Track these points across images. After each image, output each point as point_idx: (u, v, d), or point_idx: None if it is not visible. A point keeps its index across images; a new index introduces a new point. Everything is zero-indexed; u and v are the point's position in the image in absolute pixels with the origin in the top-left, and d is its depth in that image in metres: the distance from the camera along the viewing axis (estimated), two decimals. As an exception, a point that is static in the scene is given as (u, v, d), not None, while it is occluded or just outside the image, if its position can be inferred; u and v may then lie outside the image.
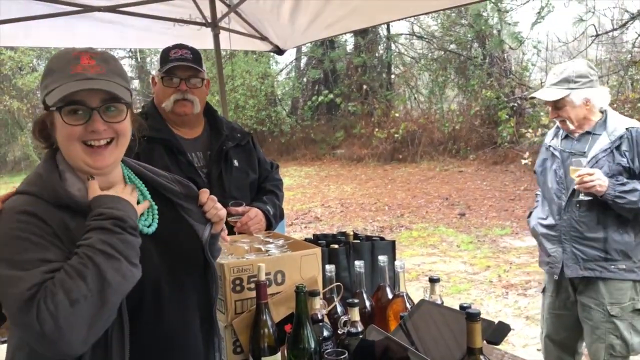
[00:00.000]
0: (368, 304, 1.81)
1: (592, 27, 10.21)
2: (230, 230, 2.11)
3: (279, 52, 4.40)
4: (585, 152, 2.58)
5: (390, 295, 1.82)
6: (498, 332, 1.38)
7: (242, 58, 15.46)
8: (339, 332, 1.60)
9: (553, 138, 2.78)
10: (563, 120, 2.65)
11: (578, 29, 10.31)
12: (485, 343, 1.36)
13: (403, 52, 15.53)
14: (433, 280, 1.72)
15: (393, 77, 15.77)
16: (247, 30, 4.14)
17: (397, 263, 1.76)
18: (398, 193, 10.65)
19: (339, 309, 1.75)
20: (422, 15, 11.98)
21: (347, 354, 1.40)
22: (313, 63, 16.19)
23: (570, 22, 10.57)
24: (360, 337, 1.54)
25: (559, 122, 2.69)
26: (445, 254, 6.76)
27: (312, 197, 11.13)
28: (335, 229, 8.16)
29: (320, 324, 1.59)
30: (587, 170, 2.45)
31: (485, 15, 12.47)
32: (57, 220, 1.20)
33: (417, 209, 9.33)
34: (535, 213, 2.85)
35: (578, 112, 2.59)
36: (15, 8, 3.23)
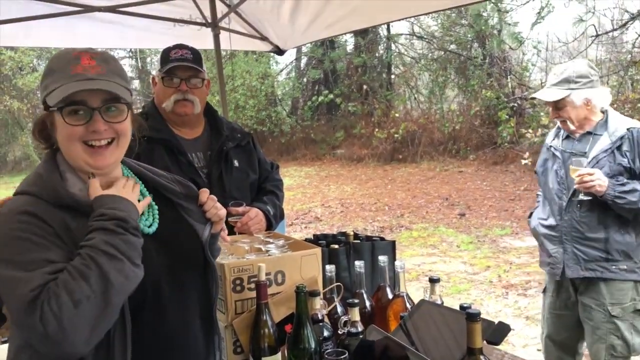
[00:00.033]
0: (368, 304, 1.81)
1: (592, 27, 10.23)
2: (231, 231, 2.12)
3: (279, 52, 4.40)
4: (586, 152, 2.57)
5: (391, 296, 1.82)
6: (498, 332, 1.38)
7: (242, 58, 15.47)
8: (339, 332, 1.60)
9: (554, 138, 2.77)
10: (564, 121, 2.64)
11: (578, 29, 10.32)
12: (485, 343, 1.36)
13: (403, 52, 15.53)
14: (433, 281, 1.72)
15: (393, 77, 15.77)
16: (247, 31, 4.14)
17: (397, 263, 1.76)
18: (398, 193, 10.65)
19: (339, 309, 1.76)
20: (422, 16, 11.98)
21: (347, 354, 1.40)
22: (313, 63, 16.19)
23: (570, 22, 10.58)
24: (361, 337, 1.54)
25: (560, 122, 2.68)
26: (445, 254, 6.76)
27: (312, 197, 11.13)
28: (336, 229, 8.16)
29: (321, 324, 1.59)
30: (586, 170, 2.44)
31: (486, 16, 12.48)
32: (58, 221, 1.20)
33: (417, 209, 9.33)
34: (536, 213, 2.84)
35: (579, 112, 2.58)
36: (15, 8, 3.23)
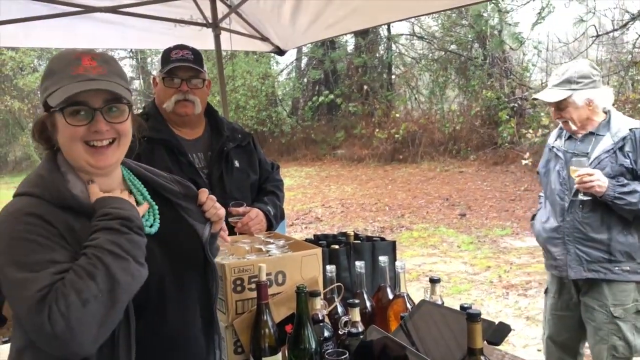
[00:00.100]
0: (369, 305, 1.81)
1: (592, 27, 10.21)
2: (231, 231, 2.11)
3: (280, 52, 4.40)
4: (589, 152, 2.56)
5: (391, 296, 1.82)
6: (498, 332, 1.38)
7: (242, 58, 15.48)
8: (340, 332, 1.60)
9: (556, 139, 2.76)
10: (566, 121, 2.63)
11: (578, 30, 10.30)
12: (486, 343, 1.36)
13: (403, 52, 15.53)
14: (433, 281, 1.72)
15: (393, 77, 15.77)
16: (247, 31, 4.15)
17: (397, 263, 1.76)
18: (398, 193, 10.65)
19: (340, 310, 1.75)
20: (422, 16, 11.98)
21: (347, 354, 1.40)
22: (314, 63, 16.20)
23: (571, 22, 10.55)
24: (361, 337, 1.54)
25: (562, 123, 2.67)
26: (446, 255, 6.76)
27: (312, 197, 11.13)
28: (336, 230, 8.16)
29: (321, 325, 1.59)
30: (586, 171, 2.44)
31: (486, 16, 12.48)
32: (62, 222, 1.21)
33: (417, 210, 9.33)
34: (539, 215, 2.83)
35: (581, 112, 2.57)
36: (16, 8, 3.23)
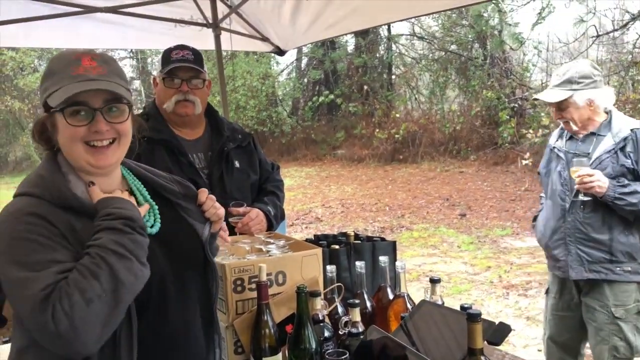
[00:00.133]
0: (369, 305, 1.81)
1: (592, 27, 10.22)
2: (232, 231, 2.11)
3: (280, 52, 4.40)
4: (590, 153, 2.56)
5: (391, 296, 1.82)
6: (499, 332, 1.38)
7: (243, 59, 15.48)
8: (340, 332, 1.60)
9: (557, 139, 2.75)
10: (567, 122, 2.62)
11: (579, 30, 10.31)
12: (486, 344, 1.36)
13: (404, 52, 15.53)
14: (434, 281, 1.72)
15: (394, 77, 15.77)
16: (248, 31, 4.15)
17: (397, 264, 1.76)
18: (399, 193, 10.65)
19: (340, 310, 1.76)
20: (423, 16, 11.98)
21: (348, 355, 1.40)
22: (314, 64, 16.20)
23: (571, 22, 10.55)
24: (361, 337, 1.54)
25: (563, 123, 2.67)
26: (446, 255, 6.76)
27: (312, 197, 11.13)
28: (336, 230, 8.16)
29: (321, 325, 1.59)
30: (587, 171, 2.43)
31: (486, 16, 12.48)
32: (63, 222, 1.21)
33: (417, 210, 9.33)
34: (540, 216, 2.82)
35: (582, 113, 2.57)
36: (16, 8, 3.23)
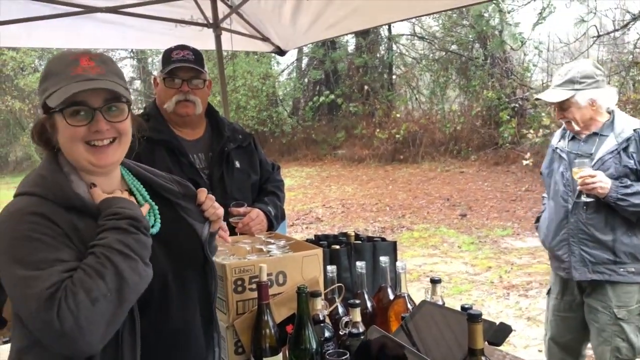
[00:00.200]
0: (369, 305, 1.81)
1: (593, 27, 10.22)
2: (232, 231, 2.12)
3: (280, 52, 4.40)
4: (592, 153, 2.55)
5: (392, 296, 1.82)
6: (499, 333, 1.38)
7: (243, 59, 15.48)
8: (341, 332, 1.60)
9: (560, 139, 2.74)
10: (569, 122, 2.62)
11: (579, 30, 10.31)
12: (487, 344, 1.36)
13: (404, 52, 15.53)
14: (434, 281, 1.72)
15: (394, 77, 15.77)
16: (248, 31, 4.15)
17: (398, 264, 1.76)
18: (399, 194, 10.65)
19: (341, 310, 1.75)
20: (423, 16, 11.98)
21: (348, 355, 1.40)
22: (314, 64, 16.20)
23: (572, 22, 10.58)
24: (362, 338, 1.54)
25: (565, 123, 2.66)
26: (447, 255, 6.76)
27: (313, 197, 11.13)
28: (337, 230, 8.16)
29: (322, 325, 1.59)
30: (589, 172, 2.42)
31: (487, 16, 12.47)
32: (66, 222, 1.21)
33: (418, 210, 9.33)
34: (543, 217, 2.82)
35: (584, 113, 2.56)
36: (16, 8, 3.23)
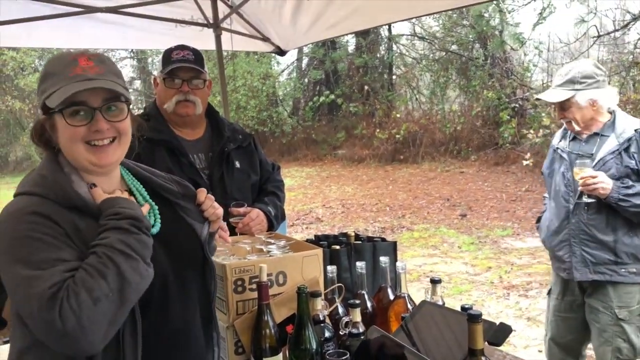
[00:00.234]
0: (369, 305, 1.81)
1: (593, 28, 10.23)
2: (232, 231, 2.12)
3: (281, 52, 4.40)
4: (593, 154, 2.54)
5: (392, 296, 1.82)
6: (499, 333, 1.38)
7: (243, 59, 15.49)
8: (341, 333, 1.60)
9: (561, 140, 2.74)
10: (569, 122, 2.62)
11: (580, 30, 10.32)
12: (487, 344, 1.36)
13: (404, 52, 15.54)
14: (434, 281, 1.72)
15: (394, 77, 15.77)
16: (248, 31, 4.15)
17: (398, 264, 1.76)
18: (399, 194, 10.65)
19: (341, 310, 1.75)
20: (423, 16, 11.98)
21: (348, 355, 1.40)
22: (314, 64, 16.20)
23: (572, 23, 10.58)
24: (362, 338, 1.54)
25: (566, 123, 2.66)
26: (447, 255, 6.76)
27: (313, 197, 11.13)
28: (337, 230, 8.16)
29: (322, 325, 1.59)
30: (590, 173, 2.42)
31: (487, 16, 12.48)
32: (68, 222, 1.21)
33: (418, 210, 9.33)
34: (544, 217, 2.81)
35: (584, 113, 2.56)
36: (16, 8, 3.23)
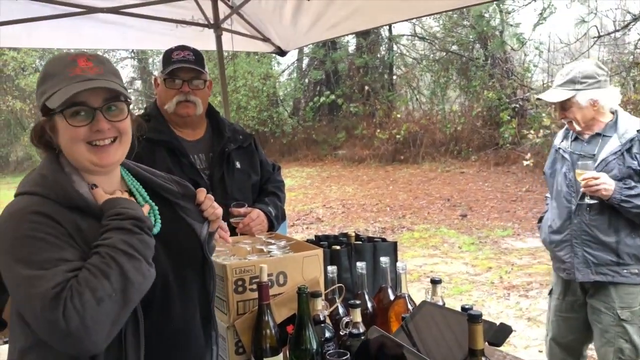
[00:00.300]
0: (370, 305, 1.81)
1: (594, 28, 10.24)
2: (233, 231, 2.12)
3: (281, 53, 4.40)
4: (595, 154, 2.54)
5: (392, 297, 1.82)
6: (500, 333, 1.38)
7: (244, 59, 15.49)
8: (341, 333, 1.61)
9: (562, 140, 2.73)
10: (570, 121, 2.61)
11: (580, 30, 10.33)
12: (487, 344, 1.36)
13: (405, 53, 15.54)
14: (435, 282, 1.72)
15: (395, 78, 15.77)
16: (249, 32, 4.15)
17: (398, 264, 1.77)
18: (400, 194, 10.65)
19: (341, 310, 1.76)
20: (424, 17, 11.98)
21: (349, 355, 1.40)
22: (315, 64, 16.20)
23: (573, 23, 10.58)
24: (362, 338, 1.54)
25: (567, 123, 2.65)
26: (447, 255, 6.75)
27: (313, 197, 11.13)
28: (337, 230, 8.16)
29: (322, 325, 1.59)
30: (592, 174, 2.41)
31: (487, 17, 12.48)
32: (69, 222, 1.21)
33: (418, 210, 9.33)
34: (546, 217, 2.81)
35: (585, 113, 2.55)
36: (17, 9, 3.23)
